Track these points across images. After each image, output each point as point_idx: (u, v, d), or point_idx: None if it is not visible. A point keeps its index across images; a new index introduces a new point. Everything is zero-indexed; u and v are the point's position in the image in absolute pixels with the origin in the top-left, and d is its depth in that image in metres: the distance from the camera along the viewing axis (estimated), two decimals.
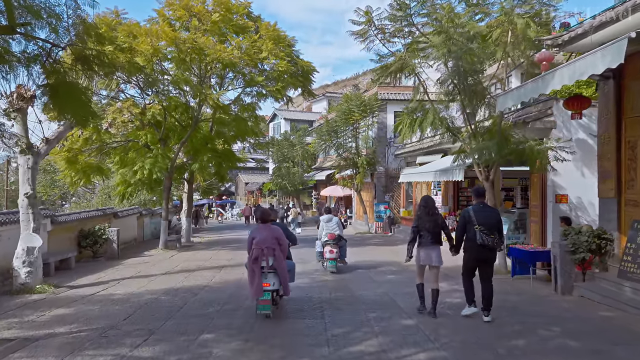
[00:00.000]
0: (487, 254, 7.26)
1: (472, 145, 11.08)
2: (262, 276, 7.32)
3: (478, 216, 7.15)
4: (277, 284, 7.48)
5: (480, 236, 7.02)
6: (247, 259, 7.72)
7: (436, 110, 11.45)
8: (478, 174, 11.70)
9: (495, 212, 7.47)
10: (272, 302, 7.42)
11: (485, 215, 7.18)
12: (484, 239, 7.03)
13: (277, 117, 55.86)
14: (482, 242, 7.04)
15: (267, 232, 7.51)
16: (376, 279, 11.10)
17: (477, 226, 7.06)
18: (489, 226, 7.09)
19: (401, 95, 27.71)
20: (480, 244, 7.06)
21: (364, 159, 25.75)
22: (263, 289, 7.25)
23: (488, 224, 7.10)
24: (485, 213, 7.26)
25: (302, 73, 18.31)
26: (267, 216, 7.89)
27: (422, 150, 21.57)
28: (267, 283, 7.32)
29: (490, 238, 7.05)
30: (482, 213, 7.22)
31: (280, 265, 7.48)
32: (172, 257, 15.74)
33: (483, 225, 7.06)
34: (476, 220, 7.11)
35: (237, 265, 13.37)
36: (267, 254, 7.36)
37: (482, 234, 7.02)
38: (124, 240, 20.73)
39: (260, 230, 7.56)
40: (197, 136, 19.15)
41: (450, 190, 18.99)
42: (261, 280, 7.27)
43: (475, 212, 7.24)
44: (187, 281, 10.90)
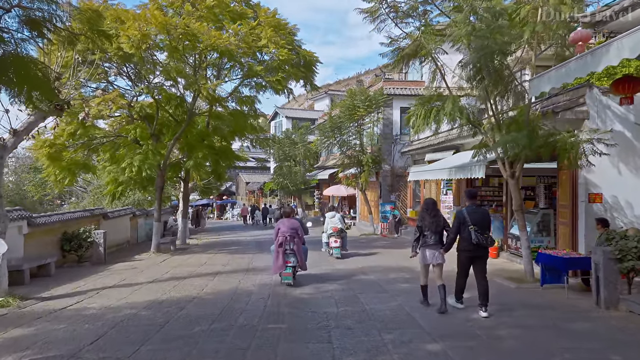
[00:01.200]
0: (481, 252, 7.68)
1: (496, 137, 9.81)
2: (285, 256, 9.96)
3: (472, 217, 7.57)
4: (296, 262, 10.05)
5: (475, 236, 7.46)
6: (274, 244, 10.28)
7: (455, 99, 10.19)
8: (502, 171, 10.44)
9: (486, 213, 7.97)
10: (292, 275, 10.01)
11: (478, 216, 7.64)
12: (479, 238, 7.47)
13: (278, 115, 54.76)
14: (477, 241, 7.47)
15: (289, 224, 10.26)
16: (388, 288, 9.84)
17: (472, 226, 7.48)
18: (482, 226, 7.57)
19: (407, 90, 26.46)
20: (475, 243, 7.49)
21: (368, 157, 24.48)
22: (286, 265, 9.91)
23: (481, 223, 7.57)
24: (478, 214, 7.70)
25: (304, 64, 17.07)
26: (289, 213, 11.04)
27: (431, 147, 20.30)
28: (289, 261, 9.96)
29: (483, 237, 7.51)
30: (475, 214, 7.66)
31: (298, 248, 10.13)
32: (164, 262, 14.51)
33: (477, 225, 7.50)
34: (470, 220, 7.53)
35: (233, 272, 12.15)
36: (289, 240, 10.01)
37: (477, 233, 7.46)
38: (116, 243, 19.55)
39: (285, 223, 10.32)
40: (192, 132, 17.93)
41: (464, 189, 17.67)
42: (284, 259, 9.93)
43: (469, 213, 7.66)
44: (175, 291, 9.66)
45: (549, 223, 12.89)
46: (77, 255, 14.29)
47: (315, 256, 14.22)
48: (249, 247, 18.89)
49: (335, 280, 10.71)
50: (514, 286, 9.94)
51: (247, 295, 9.19)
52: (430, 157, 20.26)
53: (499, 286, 10.04)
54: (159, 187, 16.91)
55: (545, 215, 12.90)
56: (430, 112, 10.73)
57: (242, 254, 16.50)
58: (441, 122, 10.71)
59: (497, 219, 14.83)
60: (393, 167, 26.30)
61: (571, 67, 6.86)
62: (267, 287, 10.03)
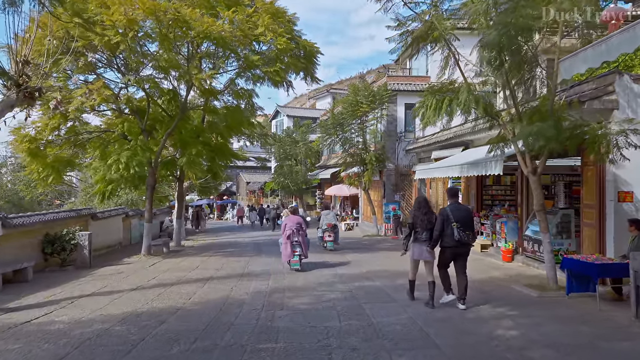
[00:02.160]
0: (463, 248, 7.93)
1: (517, 129, 8.79)
2: (292, 246, 11.84)
3: (455, 214, 7.75)
4: (301, 251, 11.91)
5: (457, 233, 7.66)
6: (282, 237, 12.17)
7: (470, 87, 9.17)
8: (522, 166, 9.41)
9: (469, 210, 8.22)
10: (299, 261, 11.84)
11: (460, 214, 7.83)
12: (461, 235, 7.68)
13: (279, 114, 53.92)
14: (459, 238, 7.68)
15: (295, 220, 12.32)
16: (396, 297, 8.83)
17: (455, 223, 7.67)
18: (464, 223, 7.75)
19: (412, 86, 25.46)
20: (457, 240, 7.70)
21: (372, 155, 23.43)
22: (294, 254, 11.78)
23: (463, 221, 7.75)
24: (461, 211, 7.90)
25: (304, 55, 16.06)
26: (295, 211, 13.65)
27: (438, 144, 19.30)
28: (296, 250, 11.85)
29: (465, 234, 7.73)
30: (458, 212, 7.86)
31: (302, 240, 12.09)
32: (153, 266, 13.52)
33: (459, 222, 7.69)
34: (453, 218, 7.71)
35: (226, 278, 11.15)
36: (295, 233, 11.92)
37: (459, 230, 7.66)
38: (106, 245, 18.58)
39: (291, 219, 12.41)
40: (186, 127, 16.93)
41: (473, 188, 16.70)
42: (293, 249, 11.81)
43: (452, 211, 7.83)
44: (159, 300, 8.66)
45: (569, 224, 11.87)
46: (60, 259, 13.31)
47: (316, 259, 13.25)
48: (246, 250, 17.89)
49: (337, 287, 9.71)
50: (536, 295, 8.92)
51: (239, 305, 8.19)
52: (437, 155, 19.25)
53: (520, 295, 9.03)
54: (150, 185, 15.92)
55: (565, 216, 11.88)
56: (442, 102, 9.71)
57: (238, 256, 15.50)
58: (454, 113, 9.67)
59: (510, 220, 13.81)
60: (397, 165, 25.27)
61: (613, 43, 5.86)
62: (261, 295, 9.02)
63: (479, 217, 15.69)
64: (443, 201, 19.31)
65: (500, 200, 16.48)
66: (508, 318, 7.23)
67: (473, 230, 7.96)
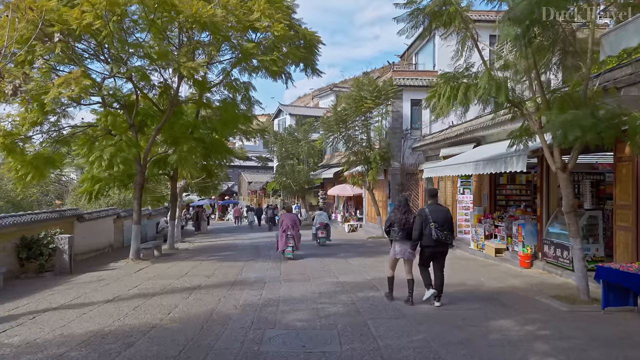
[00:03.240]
0: (440, 248, 8.03)
1: (545, 119, 7.63)
2: (287, 238, 14.11)
3: (433, 215, 7.90)
4: (294, 243, 14.21)
5: (435, 232, 7.79)
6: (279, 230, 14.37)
7: (491, 71, 8.03)
8: (550, 162, 8.26)
9: (447, 211, 8.27)
10: (292, 251, 14.12)
11: (438, 214, 7.95)
12: (438, 235, 7.79)
13: (282, 112, 53.00)
14: (436, 237, 7.80)
15: (290, 217, 14.55)
16: (406, 311, 7.70)
17: (432, 223, 7.81)
18: (442, 223, 7.86)
19: (419, 81, 24.30)
20: (435, 239, 7.82)
21: (376, 153, 22.30)
22: (287, 245, 14.07)
23: (441, 221, 7.87)
24: (438, 212, 8.02)
25: (304, 45, 14.94)
26: (290, 210, 16.69)
27: (447, 141, 18.16)
28: (289, 242, 14.12)
29: (443, 233, 7.84)
30: (436, 212, 7.99)
31: (295, 234, 14.27)
32: (139, 272, 12.43)
33: (436, 222, 7.83)
34: (431, 218, 7.85)
35: (216, 286, 10.03)
36: (290, 227, 14.14)
37: (437, 230, 7.79)
38: (95, 248, 17.54)
39: (287, 216, 14.58)
40: (178, 122, 15.84)
41: (486, 187, 15.53)
42: (287, 240, 14.09)
43: (431, 211, 7.97)
44: (133, 316, 7.54)
45: (596, 227, 10.72)
46: (37, 265, 12.24)
47: (318, 264, 12.14)
48: (243, 253, 16.79)
49: (339, 299, 8.58)
50: (566, 308, 7.78)
51: (224, 322, 7.07)
52: (445, 152, 18.11)
53: (547, 308, 7.88)
54: (139, 184, 14.82)
55: (591, 218, 10.72)
56: (457, 89, 8.58)
57: (233, 261, 14.40)
58: (470, 102, 8.53)
59: (529, 222, 12.66)
60: (403, 164, 24.12)
61: None
62: (252, 309, 7.90)
63: (492, 218, 14.54)
64: (453, 201, 18.19)
65: (515, 201, 15.32)
66: (541, 340, 6.08)
67: (451, 230, 8.04)
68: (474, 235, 15.14)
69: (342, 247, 17.74)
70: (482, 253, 14.30)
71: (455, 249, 16.33)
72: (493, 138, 14.69)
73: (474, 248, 14.97)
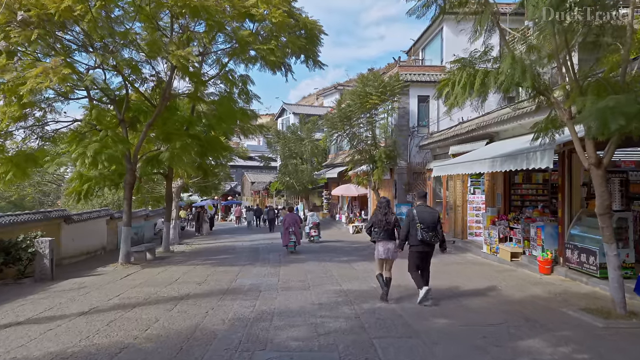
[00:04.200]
0: (427, 248, 8.17)
1: (578, 107, 6.63)
2: (289, 235, 16.03)
3: (420, 216, 8.04)
4: (295, 239, 16.14)
5: (420, 233, 7.95)
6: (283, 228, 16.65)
7: (514, 55, 7.04)
8: (581, 157, 7.26)
9: (434, 212, 8.35)
10: (294, 246, 16.14)
11: (426, 215, 8.10)
12: (424, 235, 7.96)
13: (285, 112, 52.26)
14: (421, 237, 7.97)
15: (292, 216, 16.65)
16: (417, 327, 6.72)
17: (419, 224, 7.98)
18: (429, 224, 8.00)
19: (426, 77, 23.35)
20: (420, 240, 8.00)
21: (382, 152, 21.31)
22: (290, 240, 16.02)
23: (428, 222, 8.01)
24: (426, 213, 8.16)
25: (305, 34, 13.97)
26: (291, 209, 18.84)
27: (457, 138, 17.17)
28: (291, 238, 16.04)
29: (429, 235, 7.98)
30: (424, 213, 8.13)
31: (296, 231, 16.22)
32: (126, 278, 11.50)
33: (423, 223, 7.98)
34: (419, 219, 8.01)
35: (206, 295, 9.09)
36: (292, 225, 16.13)
37: (423, 231, 7.96)
38: (86, 251, 16.69)
39: (289, 215, 16.71)
40: (172, 118, 14.91)
41: (500, 187, 14.52)
42: (289, 237, 16.02)
43: (419, 212, 8.14)
44: (104, 333, 6.59)
45: (626, 230, 9.70)
46: (17, 270, 11.35)
47: (319, 270, 11.19)
48: (241, 256, 15.86)
49: (341, 312, 7.61)
50: (602, 324, 6.78)
51: (207, 341, 6.11)
52: (455, 150, 17.12)
53: (580, 323, 6.90)
54: (129, 183, 13.90)
55: (621, 220, 9.69)
56: (474, 76, 7.61)
57: (229, 265, 13.46)
58: (489, 89, 7.55)
59: (548, 225, 11.65)
60: (410, 163, 23.15)
61: None
62: (241, 324, 6.94)
63: (507, 220, 13.52)
64: (463, 202, 17.21)
65: (531, 201, 14.31)
66: None
67: (436, 231, 8.08)
68: (486, 238, 14.14)
69: (345, 250, 16.78)
70: (496, 257, 13.30)
71: (466, 252, 15.35)
72: (508, 134, 13.69)
73: (487, 252, 13.97)
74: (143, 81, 14.63)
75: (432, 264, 8.59)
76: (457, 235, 17.59)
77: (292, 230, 15.92)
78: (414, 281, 8.26)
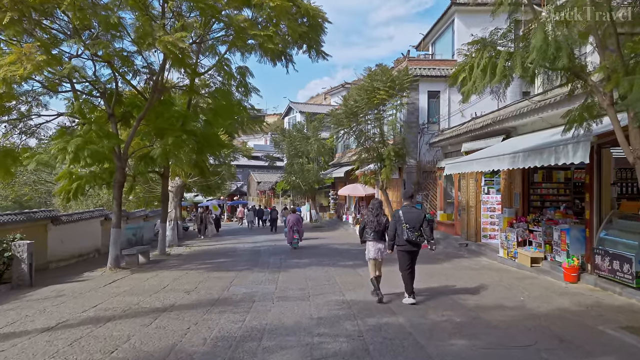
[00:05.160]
0: (413, 248, 8.29)
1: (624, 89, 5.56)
2: (293, 233, 17.87)
3: (406, 216, 8.22)
4: (299, 237, 18.19)
5: (406, 233, 8.09)
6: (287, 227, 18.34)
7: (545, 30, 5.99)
8: (625, 150, 6.16)
9: (420, 212, 8.48)
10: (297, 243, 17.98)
11: (411, 215, 8.26)
12: (409, 235, 8.09)
13: (292, 110, 51.41)
14: (407, 237, 8.10)
15: (294, 216, 18.49)
16: (431, 350, 5.69)
17: (405, 224, 8.14)
18: (414, 224, 8.16)
19: (436, 71, 22.27)
20: (405, 239, 8.12)
21: (390, 149, 20.24)
22: (294, 238, 17.87)
23: (413, 222, 8.17)
24: (412, 213, 8.33)
25: (308, 22, 12.96)
26: (294, 210, 21.09)
27: (470, 135, 16.12)
28: (295, 235, 17.93)
29: (414, 234, 8.12)
30: (409, 213, 8.30)
31: (299, 229, 18.22)
32: (110, 285, 10.57)
33: (409, 223, 8.14)
34: (404, 219, 8.18)
35: (192, 307, 8.11)
36: (295, 224, 17.98)
37: (408, 231, 8.10)
38: (77, 254, 15.85)
39: (293, 216, 18.55)
40: (166, 113, 13.95)
41: (518, 186, 13.43)
42: (293, 234, 17.86)
43: (404, 212, 8.30)
44: (63, 355, 5.59)
45: None
46: None
47: (322, 276, 10.20)
48: (240, 260, 14.90)
49: (343, 329, 6.59)
50: None
51: None
52: (468, 147, 16.06)
53: (622, 345, 5.89)
54: (118, 182, 12.98)
55: None
56: (497, 56, 6.58)
57: (225, 270, 12.50)
58: (515, 71, 6.50)
59: (574, 228, 10.57)
60: (419, 161, 22.08)
61: None
62: (225, 345, 5.94)
63: (527, 222, 12.45)
64: (476, 202, 16.13)
65: (552, 202, 13.22)
66: None
67: (421, 231, 8.19)
68: (503, 242, 13.04)
69: (352, 253, 15.73)
70: (514, 262, 12.23)
71: (480, 256, 14.28)
72: (527, 129, 12.61)
73: (504, 256, 12.90)
74: (135, 73, 13.73)
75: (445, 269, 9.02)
76: (470, 237, 16.51)
77: (295, 229, 17.95)
78: (404, 282, 8.36)
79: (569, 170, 13.17)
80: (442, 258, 14.31)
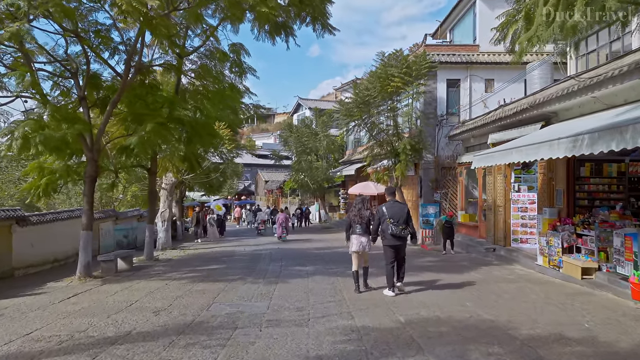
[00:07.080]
0: (399, 242, 8.58)
1: None
2: (282, 229, 21.93)
3: (390, 211, 8.55)
4: (287, 233, 22.45)
5: (391, 228, 8.41)
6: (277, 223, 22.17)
7: None
8: None
9: (403, 207, 8.85)
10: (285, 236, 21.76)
11: (395, 210, 8.61)
12: (393, 230, 8.41)
13: (301, 107, 49.83)
14: (392, 232, 8.42)
15: (283, 214, 22.94)
16: None
17: (389, 219, 8.47)
18: (398, 219, 8.49)
19: (457, 57, 20.18)
20: (391, 234, 8.44)
21: (406, 143, 18.16)
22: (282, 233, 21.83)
23: (397, 217, 8.50)
24: (395, 208, 8.67)
25: None
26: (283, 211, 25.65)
27: (498, 124, 14.00)
28: (284, 231, 22.07)
29: (399, 229, 8.42)
30: (393, 209, 8.64)
31: (286, 225, 22.77)
32: (68, 300, 8.67)
33: (393, 218, 8.48)
34: (388, 214, 8.51)
35: (153, 337, 6.15)
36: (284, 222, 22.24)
37: (392, 225, 8.42)
38: (51, 258, 14.17)
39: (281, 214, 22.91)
40: (149, 97, 12.05)
41: (561, 182, 11.32)
42: (282, 230, 21.94)
43: (387, 208, 8.64)
44: None
45: None
46: None
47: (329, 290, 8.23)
48: (234, 267, 12.96)
49: None
50: None
51: None
52: (496, 138, 14.00)
53: None
54: (89, 176, 11.11)
55: None
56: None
57: (212, 281, 10.56)
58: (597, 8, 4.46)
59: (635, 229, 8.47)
60: (437, 156, 20.02)
61: None
62: None
63: (573, 224, 10.35)
64: (505, 201, 14.06)
65: (602, 200, 11.13)
66: None
67: (407, 224, 8.52)
68: (543, 247, 10.97)
69: None
70: (559, 273, 10.16)
71: (512, 263, 12.24)
72: (572, 113, 10.52)
73: (544, 264, 10.83)
74: (113, 52, 11.86)
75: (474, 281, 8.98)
76: (498, 241, 14.43)
77: (284, 226, 21.99)
78: (386, 277, 8.68)
79: (623, 162, 11.08)
80: (467, 265, 12.29)
